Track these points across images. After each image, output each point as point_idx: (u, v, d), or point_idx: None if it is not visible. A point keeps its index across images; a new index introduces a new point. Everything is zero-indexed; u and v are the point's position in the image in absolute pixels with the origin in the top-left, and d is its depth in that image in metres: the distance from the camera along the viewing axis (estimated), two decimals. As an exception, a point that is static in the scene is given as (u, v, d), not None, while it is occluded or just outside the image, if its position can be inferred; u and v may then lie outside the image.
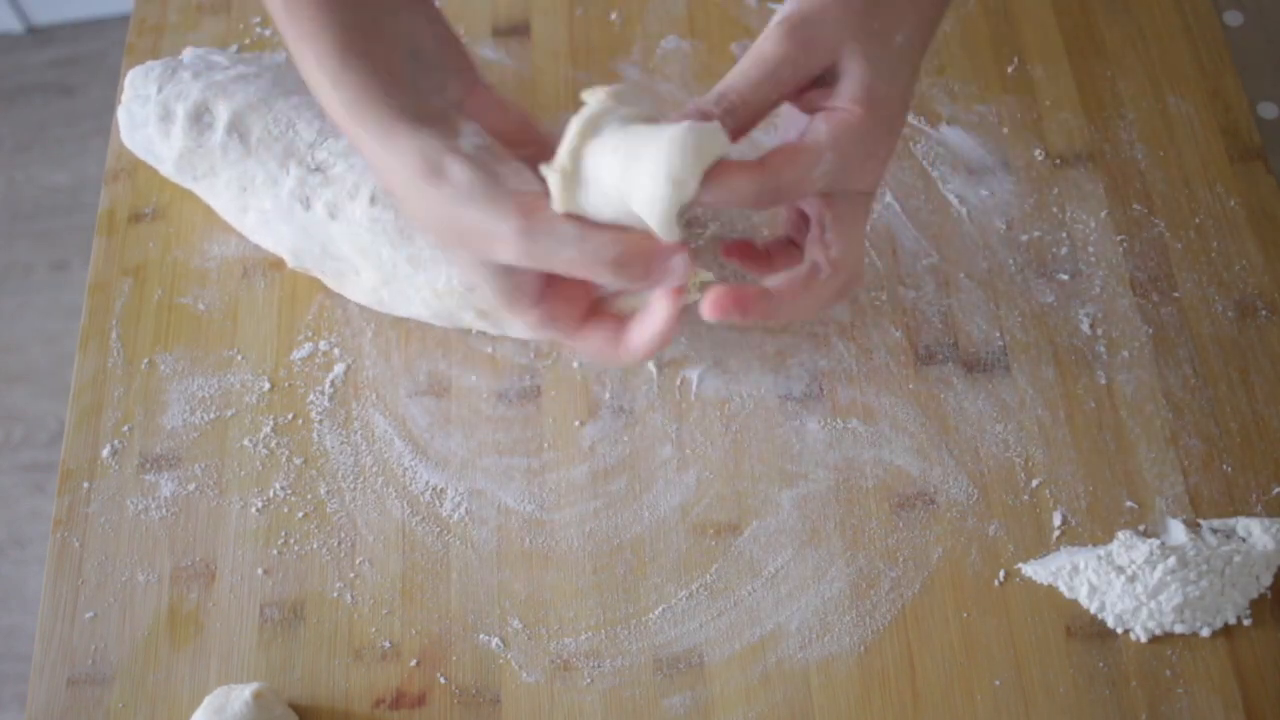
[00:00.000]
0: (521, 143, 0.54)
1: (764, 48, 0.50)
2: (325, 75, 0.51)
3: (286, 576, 0.65)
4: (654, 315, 0.51)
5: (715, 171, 0.47)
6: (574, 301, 0.53)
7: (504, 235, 0.48)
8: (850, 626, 0.61)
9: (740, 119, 0.49)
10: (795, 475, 0.64)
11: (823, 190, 0.50)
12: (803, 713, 0.59)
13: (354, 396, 0.69)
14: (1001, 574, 0.61)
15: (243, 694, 0.59)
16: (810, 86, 0.51)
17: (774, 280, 0.52)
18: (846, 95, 0.50)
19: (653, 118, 0.48)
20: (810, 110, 0.51)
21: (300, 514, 0.66)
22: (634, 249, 0.47)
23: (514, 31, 0.79)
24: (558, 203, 0.47)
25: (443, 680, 0.62)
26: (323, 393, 0.69)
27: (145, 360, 0.71)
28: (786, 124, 0.55)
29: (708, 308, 0.50)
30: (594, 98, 0.48)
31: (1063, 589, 0.60)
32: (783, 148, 0.49)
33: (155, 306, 0.73)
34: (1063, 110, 0.73)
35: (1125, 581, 0.59)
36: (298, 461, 0.67)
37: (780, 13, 0.51)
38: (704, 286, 0.67)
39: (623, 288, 0.53)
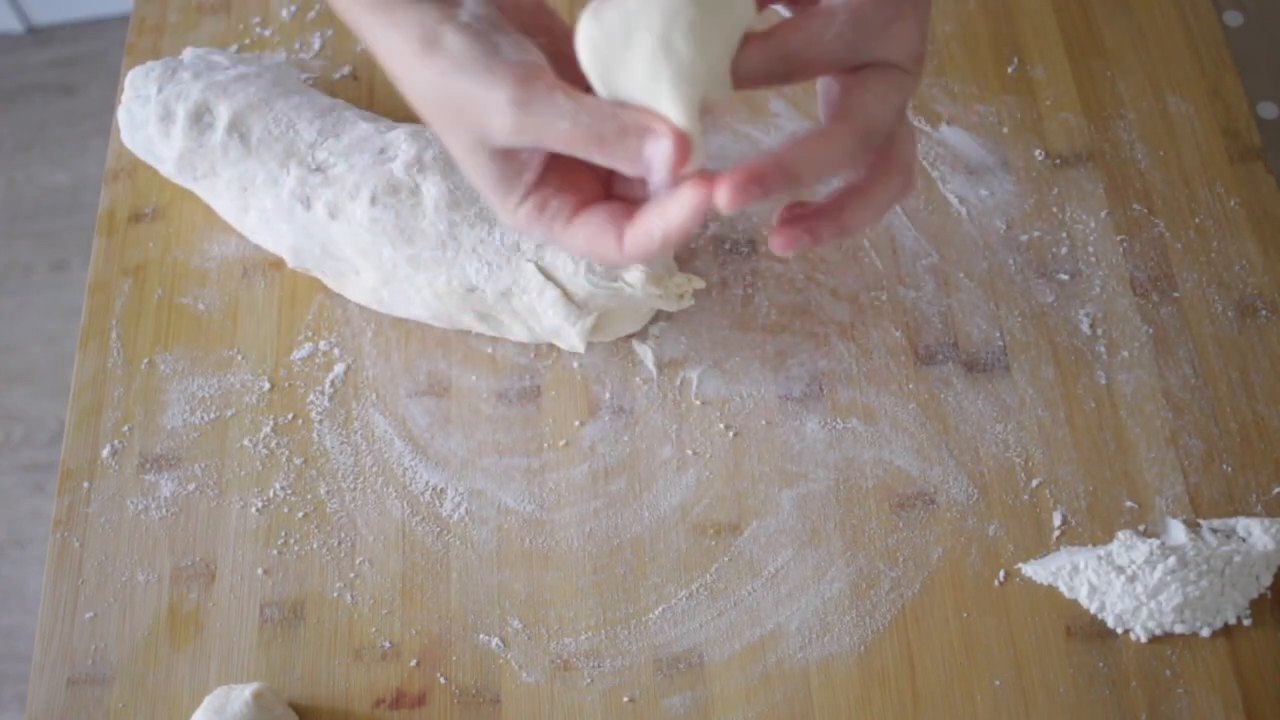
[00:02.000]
0: (537, 22, 0.49)
1: None
2: None
3: (286, 576, 0.65)
4: (670, 203, 0.43)
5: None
6: (571, 192, 0.47)
7: (498, 105, 0.44)
8: (850, 626, 0.61)
9: None
10: (795, 475, 0.64)
11: (844, 59, 0.44)
12: (803, 713, 0.59)
13: (354, 396, 0.69)
14: (1001, 574, 0.61)
15: (243, 694, 0.59)
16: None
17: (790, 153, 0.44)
18: (900, 51, 0.45)
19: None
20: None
21: (300, 514, 0.66)
22: (627, 123, 0.42)
23: (514, 31, 0.79)
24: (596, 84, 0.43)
25: (443, 680, 0.62)
26: (323, 393, 0.69)
27: (145, 360, 0.71)
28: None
29: (780, 245, 0.44)
30: None
31: (1063, 589, 0.60)
32: (795, 16, 0.44)
33: (155, 306, 0.73)
34: (1063, 110, 0.73)
35: (1125, 581, 0.59)
36: (298, 461, 0.67)
37: None
38: (697, 291, 0.67)
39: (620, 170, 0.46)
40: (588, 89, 0.45)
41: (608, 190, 0.48)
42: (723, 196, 0.41)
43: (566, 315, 0.64)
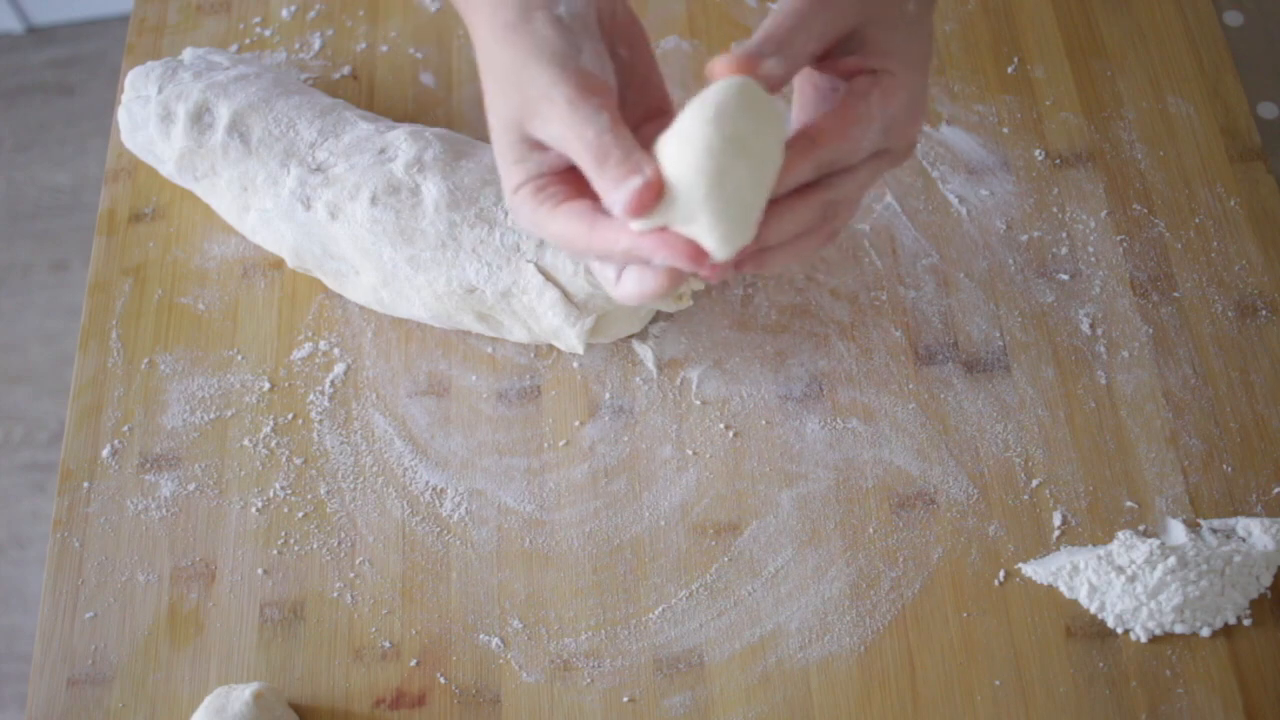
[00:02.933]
0: (626, 38, 0.52)
1: (789, 4, 0.48)
2: None
3: (286, 576, 0.65)
4: (651, 272, 0.47)
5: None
6: (579, 189, 0.49)
7: (553, 102, 0.46)
8: (850, 626, 0.61)
9: (786, 63, 0.47)
10: (795, 475, 0.64)
11: (868, 154, 0.49)
12: (803, 713, 0.59)
13: (354, 396, 0.69)
14: (1001, 574, 0.61)
15: (243, 694, 0.59)
16: (831, 54, 0.50)
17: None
18: (881, 56, 0.49)
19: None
20: (842, 74, 0.50)
21: (300, 514, 0.66)
22: (626, 162, 0.45)
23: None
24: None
25: (443, 680, 0.62)
26: (323, 393, 0.69)
27: (145, 360, 0.71)
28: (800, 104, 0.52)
29: (707, 275, 0.46)
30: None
31: (1063, 589, 0.60)
32: (829, 116, 0.47)
33: (155, 306, 0.73)
34: (1063, 110, 0.73)
35: (1125, 581, 0.59)
36: (298, 461, 0.67)
37: None
38: (696, 291, 0.67)
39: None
40: (649, 117, 0.51)
41: None
42: (704, 275, 0.45)
43: (566, 316, 0.64)
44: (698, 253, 0.44)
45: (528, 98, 0.48)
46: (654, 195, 0.44)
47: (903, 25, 0.50)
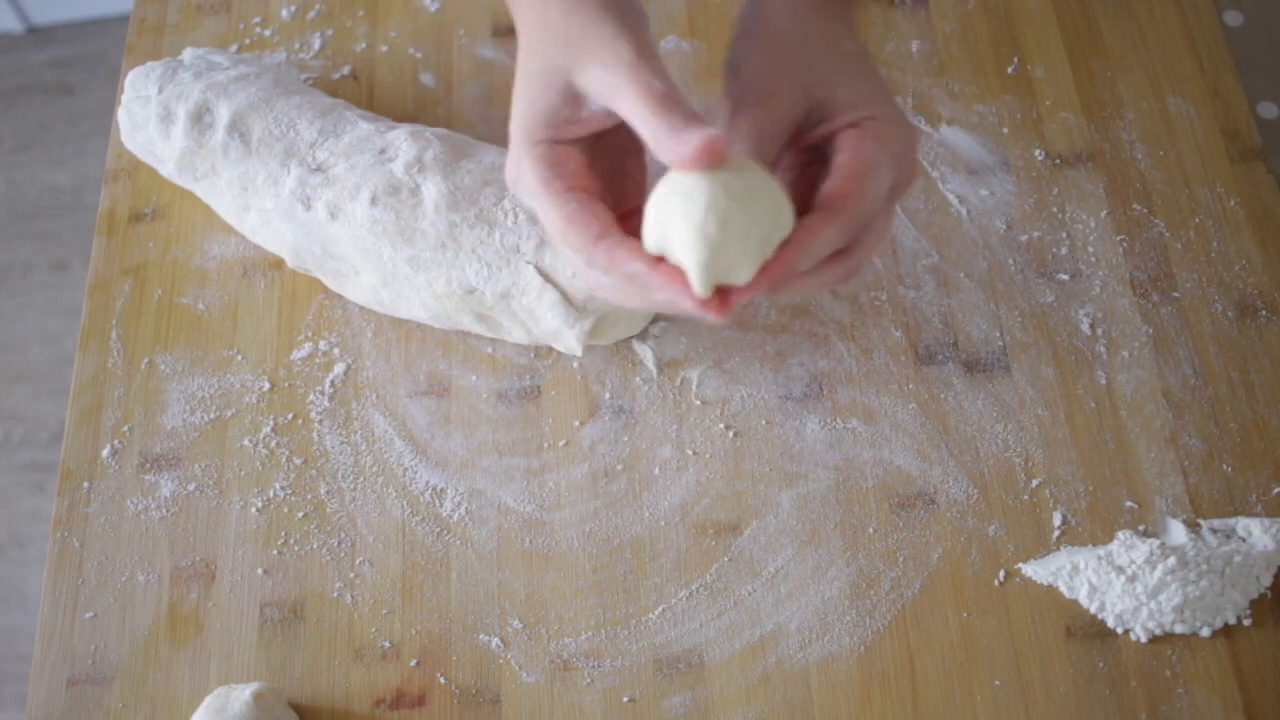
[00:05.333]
0: (629, 147, 0.53)
1: (736, 127, 0.49)
2: None
3: (286, 576, 0.65)
4: (672, 289, 0.46)
5: (798, 241, 0.45)
6: (584, 183, 0.50)
7: (617, 51, 0.47)
8: (850, 626, 0.61)
9: (764, 143, 0.49)
10: (795, 475, 0.64)
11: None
12: (803, 713, 0.59)
13: (354, 396, 0.69)
14: (1001, 574, 0.61)
15: (243, 694, 0.59)
16: (802, 131, 0.50)
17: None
18: (851, 108, 0.49)
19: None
20: (825, 141, 0.50)
21: (300, 514, 0.66)
22: (691, 126, 0.46)
23: (514, 31, 0.79)
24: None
25: (443, 680, 0.62)
26: (323, 393, 0.69)
27: (145, 360, 0.71)
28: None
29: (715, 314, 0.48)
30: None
31: (1063, 589, 0.60)
32: (841, 179, 0.48)
33: (155, 306, 0.73)
34: (1063, 110, 0.73)
35: (1125, 581, 0.59)
36: (298, 461, 0.67)
37: (728, 84, 0.50)
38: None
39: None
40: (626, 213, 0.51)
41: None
42: (713, 312, 0.46)
43: (565, 318, 0.64)
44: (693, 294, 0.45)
45: (588, 46, 0.48)
46: (720, 151, 0.44)
47: (850, 69, 0.50)
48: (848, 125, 0.49)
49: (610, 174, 0.52)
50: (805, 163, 0.52)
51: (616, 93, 0.47)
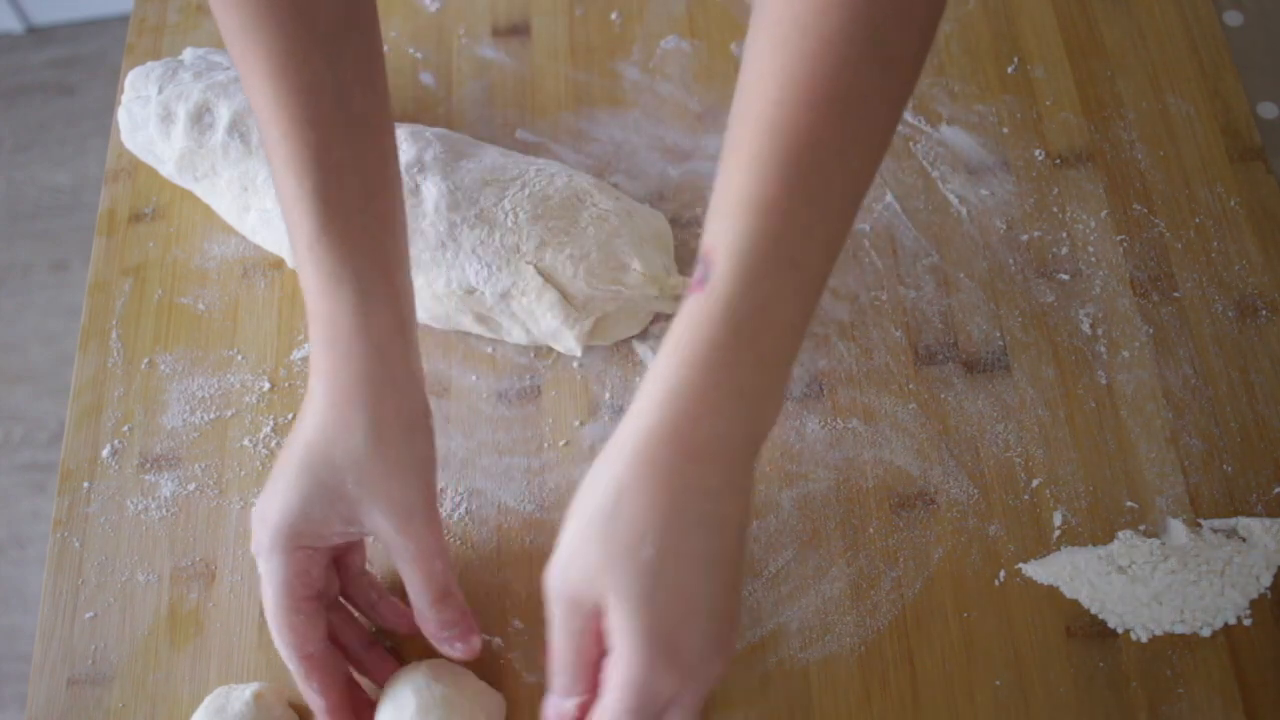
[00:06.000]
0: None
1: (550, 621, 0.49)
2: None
3: (286, 576, 0.64)
4: None
5: None
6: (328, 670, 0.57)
7: (413, 506, 0.55)
8: (850, 626, 0.61)
9: (576, 685, 0.49)
10: (795, 475, 0.64)
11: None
12: (803, 713, 0.59)
13: (354, 396, 0.68)
14: (1001, 574, 0.61)
15: (243, 694, 0.59)
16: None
17: None
18: (617, 636, 0.46)
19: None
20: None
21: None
22: (453, 612, 0.57)
23: (514, 31, 0.79)
24: None
25: (443, 680, 0.62)
26: (323, 393, 0.69)
27: (145, 360, 0.71)
28: None
29: None
30: None
31: (1063, 589, 0.60)
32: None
33: (155, 306, 0.73)
34: (1063, 110, 0.73)
35: (1125, 581, 0.59)
36: (298, 461, 0.67)
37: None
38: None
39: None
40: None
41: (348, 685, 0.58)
42: None
43: (565, 318, 0.64)
44: None
45: (384, 489, 0.53)
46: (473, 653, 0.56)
47: (637, 582, 0.45)
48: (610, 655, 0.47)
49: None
50: None
51: (397, 556, 0.54)
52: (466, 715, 0.56)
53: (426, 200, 0.65)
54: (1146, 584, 0.58)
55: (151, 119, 0.70)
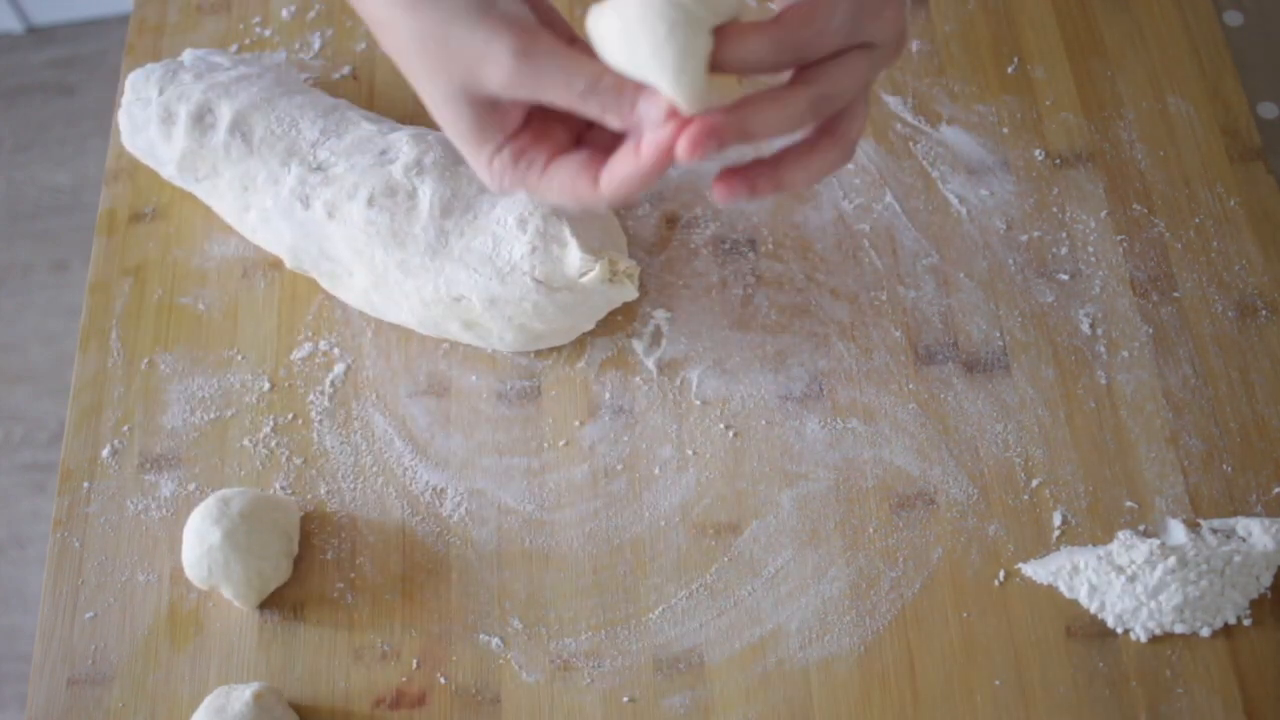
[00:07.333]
0: None
1: None
2: None
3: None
4: (637, 151, 0.45)
5: (727, 34, 0.43)
6: (545, 141, 0.49)
7: (496, 55, 0.45)
8: (850, 626, 0.61)
9: None
10: (795, 475, 0.64)
11: (843, 46, 0.45)
12: (803, 713, 0.59)
13: (354, 396, 0.69)
14: (1001, 574, 0.61)
15: (243, 694, 0.59)
16: None
17: (774, 148, 0.47)
18: None
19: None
20: None
21: (300, 514, 0.66)
22: (624, 80, 0.44)
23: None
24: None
25: (443, 680, 0.62)
26: (323, 393, 0.69)
27: (145, 360, 0.71)
28: None
29: (720, 195, 0.46)
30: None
31: (1063, 589, 0.60)
32: (797, 3, 0.45)
33: (155, 306, 0.73)
34: (1063, 110, 0.73)
35: (1125, 581, 0.59)
36: (298, 461, 0.67)
37: None
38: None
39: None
40: (569, 41, 0.47)
41: (578, 140, 0.49)
42: (682, 147, 0.43)
43: (580, 261, 0.62)
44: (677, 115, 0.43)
45: (462, 62, 0.46)
46: (660, 113, 0.43)
47: None
48: None
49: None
50: None
51: (519, 95, 0.46)
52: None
53: (422, 204, 0.65)
54: (1146, 584, 0.58)
55: (152, 120, 0.70)
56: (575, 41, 0.48)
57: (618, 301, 0.66)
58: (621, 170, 0.46)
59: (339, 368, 0.69)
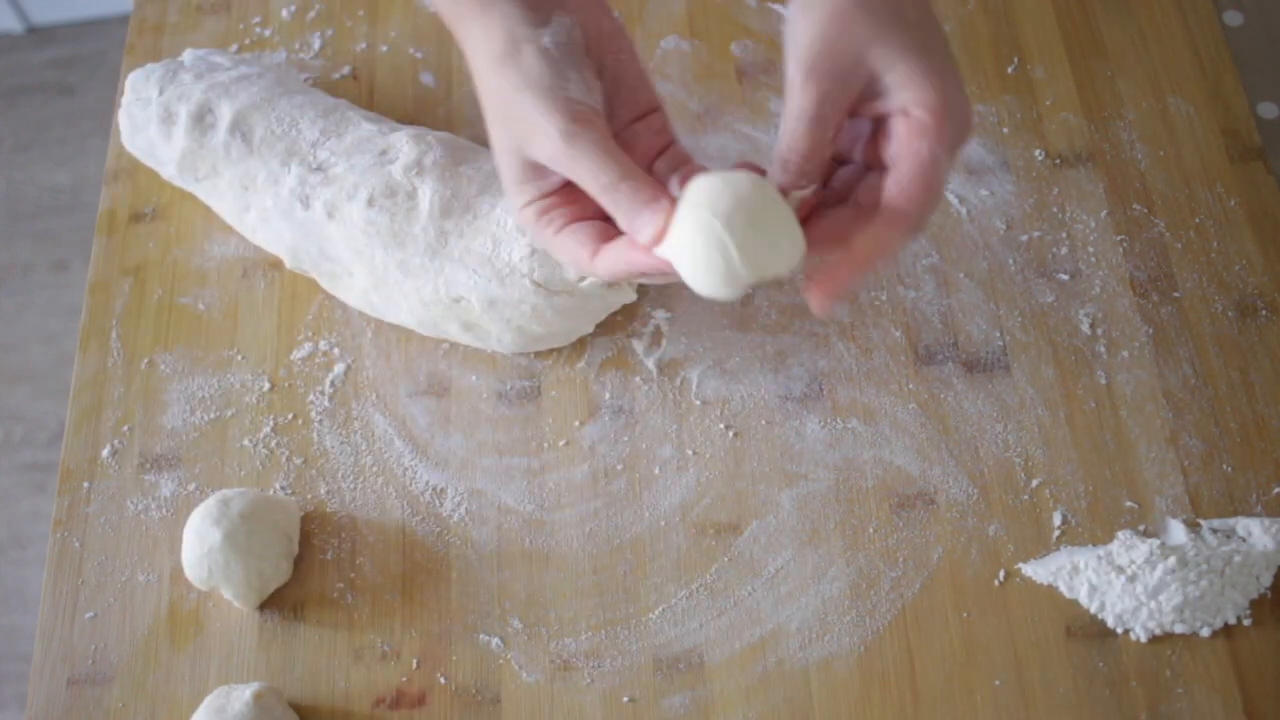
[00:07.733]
0: (612, 49, 0.55)
1: (795, 102, 0.50)
2: None
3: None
4: (631, 247, 0.52)
5: (820, 284, 0.49)
6: (574, 204, 0.54)
7: (547, 132, 0.50)
8: (850, 626, 0.61)
9: (811, 172, 0.51)
10: (795, 475, 0.64)
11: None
12: (803, 713, 0.59)
13: (354, 396, 0.69)
14: (1001, 574, 0.61)
15: (243, 694, 0.59)
16: (861, 100, 0.51)
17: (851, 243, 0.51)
18: (907, 87, 0.49)
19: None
20: (876, 116, 0.51)
21: (300, 514, 0.66)
22: (639, 192, 0.50)
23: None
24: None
25: (443, 680, 0.62)
26: (323, 393, 0.69)
27: (145, 360, 0.71)
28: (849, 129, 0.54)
29: (816, 308, 0.51)
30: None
31: (1063, 589, 0.60)
32: (903, 188, 0.49)
33: (155, 306, 0.73)
34: (1063, 110, 0.73)
35: (1125, 581, 0.59)
36: (298, 461, 0.67)
37: (790, 54, 0.50)
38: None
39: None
40: (639, 116, 0.55)
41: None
42: (814, 307, 0.50)
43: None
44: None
45: (521, 127, 0.52)
46: (655, 230, 0.50)
47: (906, 44, 0.50)
48: (900, 111, 0.50)
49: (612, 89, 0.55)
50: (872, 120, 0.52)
51: (558, 169, 0.51)
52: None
53: (421, 204, 0.65)
54: (1146, 584, 0.58)
55: (152, 121, 0.70)
56: (652, 110, 0.55)
57: (617, 305, 0.67)
58: (613, 256, 0.52)
59: (339, 368, 0.69)
